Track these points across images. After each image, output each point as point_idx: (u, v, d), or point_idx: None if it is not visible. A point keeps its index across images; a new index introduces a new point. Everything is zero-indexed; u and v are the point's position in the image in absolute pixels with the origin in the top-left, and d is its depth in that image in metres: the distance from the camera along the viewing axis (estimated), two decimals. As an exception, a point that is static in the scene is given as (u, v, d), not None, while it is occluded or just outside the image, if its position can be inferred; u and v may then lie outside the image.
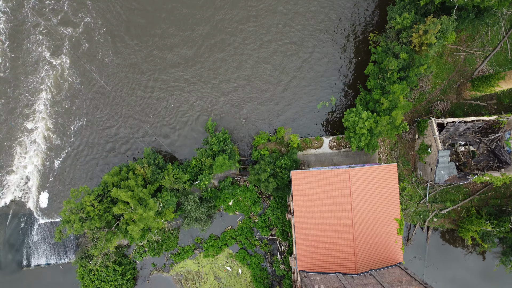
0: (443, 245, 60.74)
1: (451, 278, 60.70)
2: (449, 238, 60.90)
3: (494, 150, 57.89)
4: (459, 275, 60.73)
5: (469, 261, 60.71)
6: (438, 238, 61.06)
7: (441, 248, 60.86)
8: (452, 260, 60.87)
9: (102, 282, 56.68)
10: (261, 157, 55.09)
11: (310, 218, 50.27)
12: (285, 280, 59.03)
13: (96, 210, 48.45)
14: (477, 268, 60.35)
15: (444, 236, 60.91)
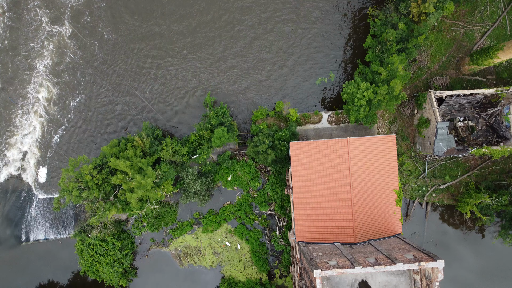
0: (441, 221, 60.72)
1: (449, 254, 60.67)
2: (448, 214, 60.87)
3: (493, 125, 57.87)
4: (458, 252, 60.74)
5: (467, 237, 60.73)
6: (437, 214, 61.05)
7: (440, 224, 60.83)
8: (451, 236, 60.89)
9: (100, 256, 56.68)
10: (259, 130, 55.07)
11: (309, 189, 50.23)
12: (283, 255, 59.06)
13: (95, 179, 48.43)
14: (476, 244, 60.37)
15: (443, 212, 60.89)
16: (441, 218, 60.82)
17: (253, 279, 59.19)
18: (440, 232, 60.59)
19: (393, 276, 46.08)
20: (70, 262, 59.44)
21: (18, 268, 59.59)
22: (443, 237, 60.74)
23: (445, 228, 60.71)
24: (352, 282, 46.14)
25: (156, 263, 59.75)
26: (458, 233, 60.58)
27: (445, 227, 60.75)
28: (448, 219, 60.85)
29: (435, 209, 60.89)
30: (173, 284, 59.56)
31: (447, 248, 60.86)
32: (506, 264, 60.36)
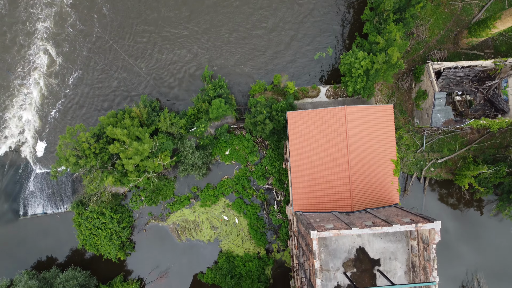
0: (439, 195, 60.67)
1: (447, 229, 60.65)
2: (446, 189, 60.78)
3: (491, 98, 57.81)
4: (456, 226, 60.72)
5: (465, 212, 60.70)
6: (435, 189, 61.00)
7: (438, 199, 60.80)
8: (449, 211, 60.85)
9: (98, 229, 56.65)
10: (257, 102, 55.05)
11: (306, 158, 50.23)
12: (281, 229, 59.04)
13: (92, 148, 48.41)
14: (474, 217, 60.36)
15: (441, 187, 60.81)
16: (439, 193, 60.77)
17: (251, 253, 59.17)
18: (438, 207, 60.55)
19: (391, 243, 46.06)
20: (68, 236, 59.42)
21: (16, 242, 59.60)
22: (441, 211, 60.70)
23: (443, 203, 60.65)
24: (349, 249, 46.11)
25: (154, 237, 59.74)
26: (456, 207, 60.54)
27: (443, 202, 60.69)
28: (446, 194, 60.78)
29: (433, 184, 60.84)
30: (171, 258, 59.53)
31: (445, 222, 60.81)
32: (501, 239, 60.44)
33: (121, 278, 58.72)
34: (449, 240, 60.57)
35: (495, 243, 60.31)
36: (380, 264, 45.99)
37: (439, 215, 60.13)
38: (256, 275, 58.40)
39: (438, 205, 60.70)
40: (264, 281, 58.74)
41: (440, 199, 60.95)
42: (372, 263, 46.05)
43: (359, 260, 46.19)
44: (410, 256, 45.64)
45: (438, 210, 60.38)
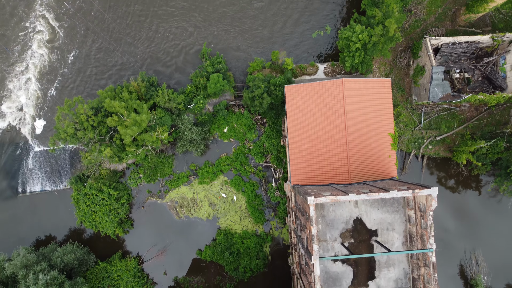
0: (437, 173, 60.72)
1: (445, 207, 60.70)
2: (444, 167, 60.79)
3: (489, 75, 57.86)
4: (454, 204, 60.78)
5: (463, 190, 60.77)
6: (433, 167, 61.06)
7: (436, 177, 60.85)
8: (446, 189, 60.91)
9: (96, 206, 56.74)
10: (255, 78, 55.12)
11: (304, 131, 50.31)
12: (279, 206, 59.10)
13: (90, 120, 48.50)
14: (471, 196, 60.45)
15: (439, 165, 60.83)
16: (437, 170, 60.81)
17: (249, 230, 59.21)
18: (436, 185, 60.56)
19: (388, 213, 46.13)
20: (67, 214, 59.42)
21: (15, 220, 59.65)
22: (439, 190, 60.70)
23: (441, 181, 60.69)
24: (346, 219, 46.18)
25: (153, 214, 59.80)
26: (454, 185, 60.59)
27: (441, 180, 60.73)
28: (444, 172, 60.81)
29: (431, 162, 60.87)
30: (169, 236, 59.59)
31: (442, 200, 60.84)
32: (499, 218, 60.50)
33: (120, 255, 58.78)
34: (447, 219, 60.59)
35: (493, 222, 60.35)
36: (378, 235, 46.06)
37: (436, 178, 60.22)
38: (254, 252, 58.46)
39: (436, 183, 60.72)
40: (262, 258, 58.81)
41: (438, 177, 61.00)
42: (369, 233, 46.13)
43: (356, 230, 46.26)
44: (408, 226, 45.70)
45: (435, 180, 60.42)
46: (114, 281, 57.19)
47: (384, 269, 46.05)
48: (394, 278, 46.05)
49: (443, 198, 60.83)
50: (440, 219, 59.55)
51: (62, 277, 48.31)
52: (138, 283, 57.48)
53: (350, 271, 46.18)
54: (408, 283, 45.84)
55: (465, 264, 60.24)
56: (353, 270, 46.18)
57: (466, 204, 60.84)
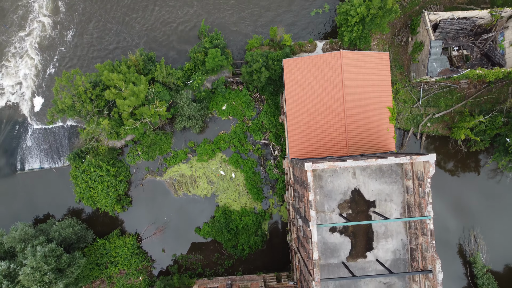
0: (436, 151, 60.68)
1: (443, 186, 60.72)
2: (443, 145, 60.74)
3: (488, 52, 57.86)
4: (452, 182, 60.81)
5: (462, 168, 60.77)
6: (431, 145, 61.06)
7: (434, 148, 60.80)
8: (445, 167, 60.90)
9: (95, 182, 56.72)
10: (254, 53, 55.10)
11: (302, 104, 50.33)
12: (278, 184, 59.08)
13: (88, 93, 48.50)
14: (470, 172, 60.47)
15: (437, 143, 60.78)
16: (436, 148, 60.75)
17: (247, 208, 59.20)
18: (435, 150, 60.57)
19: (386, 184, 46.10)
20: (65, 191, 59.41)
21: (13, 197, 59.66)
22: (437, 167, 60.74)
23: (439, 159, 60.66)
24: (344, 190, 46.16)
25: (151, 192, 59.79)
26: (453, 163, 60.58)
27: (440, 158, 60.70)
28: (442, 150, 60.78)
29: (430, 140, 60.84)
30: (168, 213, 59.60)
31: (441, 179, 60.89)
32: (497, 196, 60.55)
33: (118, 233, 58.80)
34: (445, 197, 60.52)
35: (491, 200, 60.35)
36: (376, 206, 46.03)
37: (436, 170, 60.12)
38: (252, 229, 58.46)
39: (435, 151, 60.64)
40: (260, 236, 58.80)
41: (436, 155, 60.90)
42: (367, 204, 46.10)
43: (354, 201, 46.24)
44: (406, 197, 45.68)
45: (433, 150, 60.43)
46: (113, 257, 57.24)
47: (382, 240, 46.02)
48: (392, 249, 46.03)
49: (442, 176, 60.85)
50: (438, 197, 59.49)
51: (60, 249, 48.31)
52: (137, 260, 57.48)
53: (348, 242, 46.15)
54: (406, 253, 45.82)
55: (464, 242, 60.22)
56: (351, 241, 46.16)
57: (464, 182, 60.84)
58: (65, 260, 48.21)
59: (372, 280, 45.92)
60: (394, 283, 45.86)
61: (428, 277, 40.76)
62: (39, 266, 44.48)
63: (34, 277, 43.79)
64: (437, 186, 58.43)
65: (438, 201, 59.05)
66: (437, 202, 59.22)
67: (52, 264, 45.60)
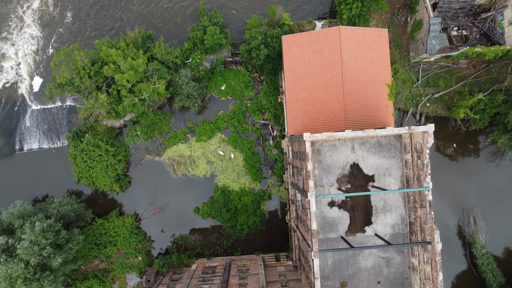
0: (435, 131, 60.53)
1: (442, 167, 60.66)
2: (442, 126, 60.63)
3: (487, 32, 57.75)
4: (451, 164, 60.76)
5: (461, 147, 60.71)
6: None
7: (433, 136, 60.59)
8: (444, 149, 60.85)
9: (94, 162, 56.65)
10: (253, 31, 55.00)
11: (301, 81, 50.29)
12: (277, 164, 59.02)
13: (87, 69, 48.44)
14: (469, 153, 60.40)
15: (437, 123, 60.58)
16: (435, 129, 60.52)
17: (246, 188, 59.13)
18: (434, 144, 60.49)
19: (385, 159, 46.02)
20: (64, 172, 59.35)
21: (12, 177, 59.59)
22: (436, 149, 60.70)
23: (438, 140, 60.59)
24: (343, 165, 46.08)
25: (150, 172, 59.75)
26: (452, 144, 60.51)
27: (439, 139, 60.62)
28: (442, 131, 60.70)
29: (429, 121, 60.75)
30: (167, 194, 59.53)
31: (440, 161, 60.82)
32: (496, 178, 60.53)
33: (117, 213, 58.76)
34: (444, 179, 60.40)
35: (491, 180, 60.31)
36: (374, 180, 45.98)
37: (434, 151, 60.13)
38: (251, 209, 58.39)
39: (434, 142, 60.61)
40: (259, 215, 58.73)
41: (435, 136, 60.82)
42: (366, 179, 46.04)
43: (353, 176, 46.18)
44: (404, 171, 45.62)
45: (434, 147, 60.31)
46: (112, 237, 57.19)
47: (381, 215, 45.97)
48: (391, 223, 45.97)
49: (441, 158, 60.80)
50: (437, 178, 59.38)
51: (59, 225, 48.26)
52: (136, 240, 57.43)
53: (346, 216, 46.10)
54: (405, 228, 45.75)
55: (463, 223, 60.13)
56: (350, 215, 46.10)
57: (463, 163, 60.77)
58: (64, 236, 48.15)
59: (371, 255, 45.87)
60: (393, 257, 45.82)
61: (427, 249, 40.69)
62: (37, 240, 44.42)
63: (32, 250, 43.73)
64: (436, 167, 58.31)
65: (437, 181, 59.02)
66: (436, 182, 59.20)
67: (51, 239, 45.54)
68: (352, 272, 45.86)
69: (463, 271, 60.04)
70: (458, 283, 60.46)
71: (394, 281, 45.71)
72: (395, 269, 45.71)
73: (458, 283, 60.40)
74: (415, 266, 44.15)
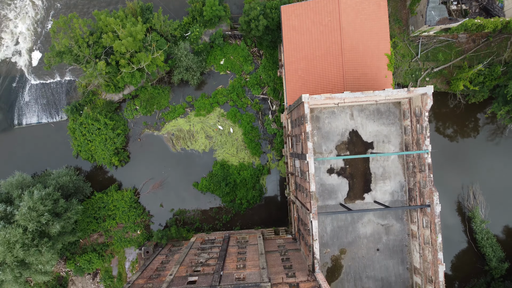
0: (435, 107, 60.50)
1: (442, 143, 60.57)
2: (441, 101, 60.53)
3: (486, 5, 57.58)
4: (450, 139, 60.68)
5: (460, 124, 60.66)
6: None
7: (432, 111, 60.62)
8: (444, 124, 60.75)
9: (92, 135, 56.55)
10: (252, 2, 54.89)
11: (300, 51, 50.23)
12: (276, 138, 58.93)
13: (86, 37, 48.37)
14: (468, 129, 60.35)
15: (436, 98, 60.47)
16: (435, 105, 60.50)
17: (245, 163, 59.03)
18: (433, 119, 60.41)
19: (384, 126, 45.93)
20: (63, 146, 59.18)
21: (11, 151, 59.47)
22: (436, 124, 60.62)
23: (438, 115, 60.50)
24: (342, 131, 46.02)
25: (149, 147, 59.63)
26: (452, 120, 60.44)
27: (438, 114, 60.54)
28: (441, 106, 60.60)
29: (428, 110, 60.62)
30: (166, 168, 59.42)
31: (439, 137, 60.72)
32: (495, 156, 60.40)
33: (116, 187, 58.67)
34: (444, 155, 60.28)
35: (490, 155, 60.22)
36: (373, 147, 45.91)
37: (434, 132, 60.06)
38: (250, 184, 58.29)
39: (433, 118, 60.54)
40: (258, 190, 58.62)
41: (434, 112, 60.80)
42: (365, 146, 45.97)
43: (352, 143, 46.11)
44: (403, 138, 45.55)
45: (433, 123, 60.23)
46: (111, 211, 57.10)
47: (380, 182, 45.89)
48: (390, 190, 45.89)
49: (440, 134, 60.70)
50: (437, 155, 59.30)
51: (57, 194, 48.19)
52: (135, 213, 57.35)
53: (345, 183, 46.02)
54: (404, 195, 45.66)
55: (463, 199, 59.98)
56: (349, 182, 46.02)
57: (463, 140, 60.68)
58: (62, 205, 48.10)
59: (370, 222, 45.80)
60: (392, 224, 45.76)
61: (426, 212, 40.61)
62: (35, 207, 44.35)
63: (30, 216, 43.65)
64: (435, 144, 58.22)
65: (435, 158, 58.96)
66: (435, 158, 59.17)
67: (49, 206, 45.46)
68: (351, 239, 45.80)
69: (462, 248, 59.89)
70: (458, 260, 60.33)
71: (393, 248, 45.65)
72: (394, 236, 45.64)
73: (457, 260, 60.28)
74: (414, 232, 44.07)
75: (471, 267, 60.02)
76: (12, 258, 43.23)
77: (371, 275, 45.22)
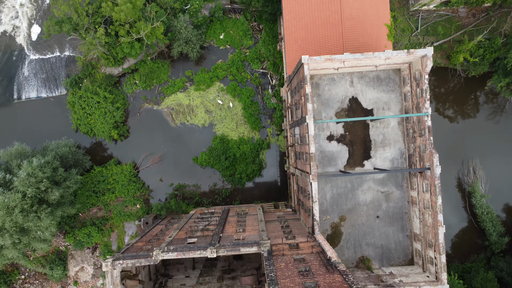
0: (435, 83, 60.47)
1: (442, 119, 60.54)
2: (441, 77, 60.47)
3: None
4: (450, 114, 60.65)
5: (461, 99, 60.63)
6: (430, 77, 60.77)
7: (433, 86, 60.58)
8: (445, 98, 60.74)
9: (92, 108, 56.42)
10: (251, -25, 54.86)
11: (299, 20, 50.15)
12: (276, 113, 58.85)
13: (85, 7, 48.31)
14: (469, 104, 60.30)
15: (436, 75, 60.50)
16: (435, 81, 60.49)
17: (245, 137, 58.95)
18: (433, 96, 60.36)
19: (384, 93, 45.87)
20: (62, 121, 58.96)
21: (10, 126, 59.29)
22: (436, 101, 60.58)
23: (438, 91, 60.46)
24: (342, 98, 45.95)
25: (149, 121, 59.51)
26: (452, 96, 60.40)
27: (438, 91, 60.49)
28: (441, 82, 60.56)
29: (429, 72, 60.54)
30: (166, 143, 59.32)
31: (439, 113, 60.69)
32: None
33: (115, 161, 58.56)
34: (444, 131, 60.19)
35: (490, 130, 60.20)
36: (373, 114, 45.82)
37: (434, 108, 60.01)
38: (250, 158, 58.19)
39: (433, 94, 60.48)
40: (258, 164, 58.53)
41: (434, 87, 60.77)
42: (365, 113, 45.88)
43: (352, 110, 46.03)
44: (403, 105, 45.47)
45: (433, 99, 60.16)
46: (110, 184, 56.97)
47: (380, 149, 45.80)
48: (390, 157, 45.80)
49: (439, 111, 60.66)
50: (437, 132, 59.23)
51: (57, 163, 48.07)
52: (134, 187, 57.23)
53: (345, 150, 45.93)
54: (404, 162, 45.57)
55: (463, 175, 59.90)
56: (349, 149, 45.94)
57: (462, 112, 60.66)
58: (61, 174, 47.99)
59: (370, 190, 45.67)
60: (392, 192, 45.65)
61: (426, 176, 40.50)
62: (34, 173, 44.25)
63: (29, 182, 43.55)
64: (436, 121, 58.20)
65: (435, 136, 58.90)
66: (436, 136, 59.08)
67: (48, 173, 45.35)
68: (351, 206, 45.69)
69: (462, 223, 59.81)
70: (458, 236, 60.25)
71: (393, 216, 45.54)
72: (394, 203, 45.54)
73: (457, 236, 60.20)
74: (414, 199, 43.98)
75: (471, 245, 59.90)
76: (11, 223, 43.10)
77: (371, 242, 45.11)
